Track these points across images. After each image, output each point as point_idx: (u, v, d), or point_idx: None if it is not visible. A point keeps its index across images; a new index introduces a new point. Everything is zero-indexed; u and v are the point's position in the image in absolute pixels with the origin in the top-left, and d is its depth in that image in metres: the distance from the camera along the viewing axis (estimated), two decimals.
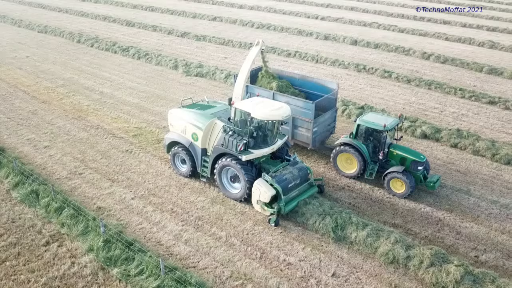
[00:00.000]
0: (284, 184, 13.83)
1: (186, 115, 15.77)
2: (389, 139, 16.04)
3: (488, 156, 18.64)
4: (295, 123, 17.31)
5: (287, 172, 14.33)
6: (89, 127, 21.15)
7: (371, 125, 15.57)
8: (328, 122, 18.10)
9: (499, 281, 11.18)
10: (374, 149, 16.07)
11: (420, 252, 12.16)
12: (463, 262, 11.85)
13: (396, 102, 24.79)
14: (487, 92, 26.27)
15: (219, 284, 11.31)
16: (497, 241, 13.59)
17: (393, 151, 15.91)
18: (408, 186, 15.06)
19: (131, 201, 15.01)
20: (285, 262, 12.28)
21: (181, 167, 16.53)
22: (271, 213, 13.65)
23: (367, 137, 16.09)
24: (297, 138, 17.68)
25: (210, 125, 15.09)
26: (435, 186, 15.42)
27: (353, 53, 34.45)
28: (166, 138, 16.72)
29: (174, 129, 16.32)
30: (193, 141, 15.50)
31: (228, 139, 14.27)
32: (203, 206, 14.82)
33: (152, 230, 13.44)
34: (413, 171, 15.44)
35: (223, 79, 27.71)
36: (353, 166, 16.44)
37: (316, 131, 17.20)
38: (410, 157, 15.49)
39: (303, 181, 14.67)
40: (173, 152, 16.35)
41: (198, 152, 15.52)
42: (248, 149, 14.13)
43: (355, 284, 11.60)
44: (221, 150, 14.64)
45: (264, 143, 14.65)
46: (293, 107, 16.70)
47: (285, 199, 13.69)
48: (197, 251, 12.53)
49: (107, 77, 28.78)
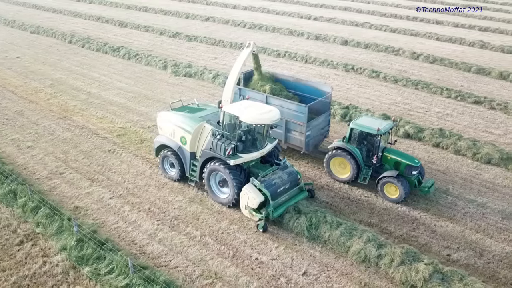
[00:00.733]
0: (273, 189, 13.61)
1: (175, 118, 15.58)
2: (383, 143, 15.87)
3: (469, 155, 18.71)
4: (288, 126, 17.11)
5: (276, 176, 14.11)
6: (74, 127, 21.22)
7: (365, 128, 15.34)
8: (322, 126, 17.85)
9: (467, 279, 11.24)
10: (367, 153, 15.82)
11: (391, 251, 12.22)
12: (433, 260, 11.91)
13: (382, 102, 24.87)
14: (474, 92, 26.35)
15: (188, 282, 11.39)
16: (471, 240, 13.66)
17: (387, 155, 15.69)
18: (402, 191, 14.81)
19: (109, 201, 15.08)
20: (257, 261, 12.35)
21: (170, 171, 16.32)
22: (259, 218, 13.46)
23: (361, 141, 15.83)
24: (290, 142, 17.48)
25: (198, 129, 14.88)
26: (429, 191, 15.19)
27: (343, 53, 34.53)
28: (155, 142, 16.52)
29: (163, 132, 16.10)
30: (182, 144, 15.29)
31: (216, 143, 14.07)
32: (181, 206, 14.90)
33: (127, 230, 13.52)
34: (407, 176, 15.20)
35: (211, 79, 27.78)
36: (346, 170, 16.18)
37: (309, 135, 16.97)
38: (405, 162, 15.26)
39: (292, 186, 14.42)
40: (162, 155, 16.13)
41: (186, 156, 15.30)
42: (236, 153, 13.91)
43: (325, 282, 11.67)
44: (209, 154, 14.44)
45: (254, 147, 14.42)
46: (286, 111, 16.72)
47: (274, 204, 13.47)
48: (170, 250, 12.61)
49: (96, 77, 28.85)
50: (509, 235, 13.92)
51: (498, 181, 17.11)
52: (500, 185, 16.82)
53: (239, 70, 16.30)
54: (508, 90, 27.18)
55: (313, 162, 18.00)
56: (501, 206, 15.43)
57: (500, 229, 14.22)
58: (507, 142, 20.35)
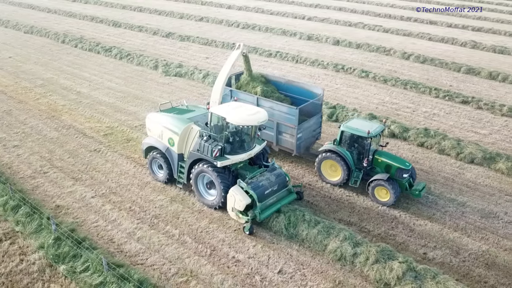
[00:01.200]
0: (260, 191, 13.49)
1: (163, 119, 15.46)
2: (374, 145, 15.74)
3: (453, 155, 18.81)
4: (279, 129, 16.97)
5: (264, 178, 13.98)
6: (61, 126, 21.31)
7: (355, 131, 15.20)
8: (314, 128, 17.70)
9: (440, 277, 11.33)
10: (358, 156, 15.67)
11: (366, 250, 12.32)
12: (408, 259, 12.00)
13: (370, 101, 24.96)
14: (462, 92, 26.46)
15: (163, 280, 11.48)
16: (448, 239, 13.76)
17: (378, 158, 15.55)
18: (392, 194, 14.70)
19: (91, 200, 15.18)
20: (234, 259, 12.45)
21: (158, 173, 16.22)
22: (245, 221, 13.37)
23: (352, 143, 15.70)
24: (282, 144, 17.34)
25: (186, 130, 14.78)
26: (420, 194, 15.01)
27: (334, 53, 34.63)
28: (143, 143, 16.43)
29: (151, 133, 16.00)
30: (170, 146, 15.18)
31: (203, 144, 13.94)
32: (162, 205, 14.99)
33: (106, 228, 13.61)
34: (398, 179, 15.08)
35: (201, 79, 27.89)
36: (337, 173, 16.02)
37: (301, 137, 16.82)
38: (395, 165, 15.12)
39: (280, 188, 14.30)
40: (150, 157, 16.05)
41: (174, 157, 15.18)
42: (224, 155, 13.80)
43: (300, 280, 11.76)
44: (196, 156, 14.33)
45: (241, 149, 14.30)
46: (277, 113, 16.67)
47: (261, 206, 13.37)
48: (147, 249, 12.70)
49: (87, 77, 28.94)
50: (487, 234, 14.01)
51: (479, 180, 17.21)
52: (481, 185, 16.91)
53: (228, 71, 16.23)
54: (497, 90, 27.29)
55: (299, 162, 18.02)
56: (481, 205, 15.52)
57: (478, 228, 14.31)
58: (491, 141, 20.45)
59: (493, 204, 15.64)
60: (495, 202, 15.77)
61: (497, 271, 12.45)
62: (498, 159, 18.14)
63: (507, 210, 15.33)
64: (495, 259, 12.89)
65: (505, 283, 12.01)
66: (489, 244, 13.58)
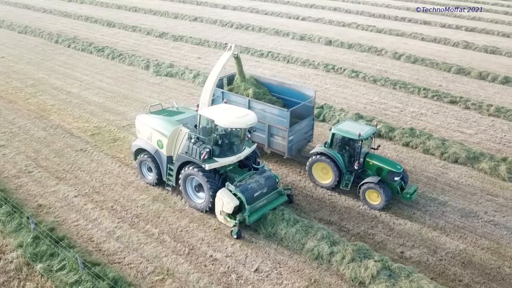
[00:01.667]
0: (248, 193, 13.31)
1: (152, 121, 15.34)
2: (366, 148, 15.67)
3: (437, 154, 18.90)
4: (271, 131, 16.88)
5: (253, 181, 13.80)
6: (49, 126, 21.39)
7: (346, 134, 15.08)
8: (305, 130, 17.59)
9: (414, 276, 11.42)
10: (349, 158, 15.55)
11: (343, 248, 12.41)
12: (383, 257, 12.09)
13: (358, 101, 25.05)
14: (451, 92, 26.55)
15: (139, 279, 11.57)
16: (427, 238, 13.85)
17: (369, 161, 15.47)
18: (383, 198, 14.61)
19: (73, 199, 15.27)
20: (211, 258, 12.54)
21: (147, 175, 16.10)
22: (233, 224, 13.23)
23: (343, 146, 15.56)
24: (273, 146, 17.25)
25: (175, 132, 14.64)
26: (411, 197, 14.93)
27: (326, 53, 34.72)
28: (133, 145, 16.34)
29: (140, 135, 15.93)
30: (159, 148, 15.06)
31: (192, 147, 13.81)
32: (144, 204, 15.08)
33: (87, 227, 13.70)
34: (389, 182, 15.01)
35: (191, 79, 27.99)
36: (328, 176, 15.90)
37: (292, 140, 16.73)
38: (387, 168, 15.05)
39: (270, 190, 14.12)
40: (140, 159, 15.96)
41: (163, 160, 15.04)
42: (212, 158, 13.66)
43: (275, 279, 11.85)
44: (185, 158, 14.19)
45: (230, 151, 14.15)
46: (268, 115, 16.60)
47: (250, 209, 13.16)
48: (126, 247, 12.79)
49: (78, 77, 29.02)
50: (465, 233, 14.10)
51: (462, 180, 17.30)
52: (464, 184, 17.00)
53: (218, 73, 16.12)
54: (486, 90, 27.38)
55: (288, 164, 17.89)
56: (462, 204, 15.61)
57: (458, 227, 14.40)
58: (477, 141, 20.54)
59: (474, 204, 15.73)
60: (476, 202, 15.86)
61: (473, 270, 12.54)
62: (482, 158, 18.23)
63: (487, 209, 15.41)
64: (471, 258, 12.98)
65: (480, 281, 12.10)
66: (467, 243, 13.66)
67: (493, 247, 13.51)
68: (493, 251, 13.31)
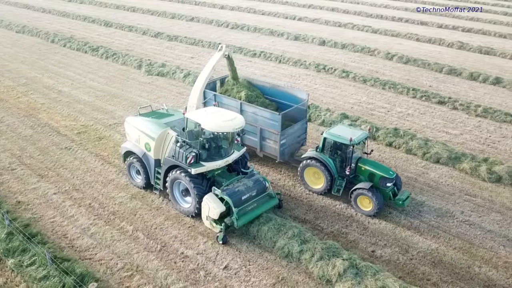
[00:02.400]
0: (236, 197, 13.02)
1: (140, 124, 15.17)
2: (358, 153, 15.45)
3: (419, 154, 18.93)
4: (263, 134, 16.65)
5: (241, 184, 13.56)
6: (37, 124, 21.61)
7: (337, 138, 14.82)
8: (298, 134, 17.28)
9: (380, 274, 11.49)
10: (341, 163, 15.27)
11: (313, 247, 12.49)
12: (352, 256, 12.17)
13: (346, 101, 25.10)
14: (441, 92, 26.54)
15: (108, 275, 11.72)
16: (400, 237, 13.90)
17: (361, 166, 15.18)
18: (375, 204, 14.33)
19: (52, 196, 15.45)
20: (182, 255, 12.67)
21: (136, 178, 15.94)
22: (219, 230, 13.03)
23: (334, 151, 15.30)
24: (265, 150, 17.00)
25: (162, 135, 14.41)
26: (404, 204, 14.59)
27: (319, 54, 34.77)
28: (122, 147, 16.19)
29: (129, 138, 15.77)
30: (146, 151, 14.87)
31: (178, 150, 13.57)
32: (122, 202, 15.24)
33: (62, 224, 13.88)
34: (381, 188, 14.74)
35: (182, 78, 28.16)
36: (320, 181, 15.63)
37: (284, 143, 16.48)
38: (379, 173, 14.76)
39: (259, 193, 13.77)
40: (128, 162, 15.78)
41: (151, 163, 14.82)
42: (199, 162, 13.42)
43: (243, 276, 11.96)
44: (172, 162, 13.96)
45: (218, 155, 13.92)
46: (260, 118, 16.38)
47: (238, 212, 12.87)
48: (98, 244, 12.95)
49: (71, 76, 29.27)
50: (439, 233, 14.14)
51: (442, 180, 17.32)
52: (443, 184, 17.03)
53: (207, 75, 15.99)
54: (475, 91, 27.34)
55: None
56: (439, 204, 15.64)
57: (432, 227, 14.44)
58: (461, 142, 20.54)
59: (451, 204, 15.76)
60: (454, 202, 15.89)
61: (442, 269, 12.58)
62: (463, 159, 18.24)
63: (464, 209, 15.45)
64: (442, 257, 13.02)
65: (448, 280, 12.15)
66: (440, 242, 13.71)
67: (465, 247, 13.54)
68: (465, 251, 13.34)
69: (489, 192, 16.56)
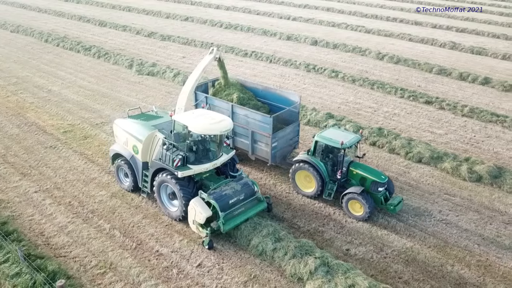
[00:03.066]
0: (222, 200, 12.85)
1: (128, 126, 15.02)
2: (350, 156, 15.30)
3: (402, 154, 19.00)
4: (254, 137, 16.47)
5: (228, 188, 13.36)
6: (24, 123, 21.75)
7: (329, 141, 14.62)
8: (290, 137, 17.08)
9: (351, 273, 11.55)
10: (332, 167, 15.09)
11: (286, 245, 12.57)
12: (324, 254, 12.24)
13: (333, 101, 25.18)
14: (429, 92, 26.59)
15: (81, 272, 11.83)
16: (376, 236, 13.98)
17: (353, 170, 14.93)
18: (366, 209, 14.12)
19: (33, 194, 15.57)
20: (157, 253, 12.76)
21: (124, 181, 15.82)
22: (205, 234, 12.86)
23: (326, 154, 15.13)
24: (257, 153, 16.80)
25: (150, 137, 14.23)
26: (395, 210, 14.35)
27: (310, 53, 34.85)
28: (110, 150, 16.04)
29: (118, 140, 15.66)
30: (134, 153, 14.72)
31: (165, 153, 13.39)
32: (101, 200, 15.35)
33: (40, 222, 14.00)
34: (373, 192, 14.55)
35: (172, 77, 28.26)
36: (312, 184, 15.44)
37: (276, 146, 16.26)
38: (370, 177, 14.52)
39: (248, 197, 13.61)
40: (116, 165, 15.69)
41: (139, 165, 14.70)
42: (186, 165, 13.26)
43: (216, 274, 12.06)
44: (158, 165, 13.82)
45: (206, 158, 13.77)
46: (251, 121, 16.21)
47: (225, 216, 12.70)
48: (74, 242, 13.06)
49: (62, 75, 29.42)
50: (415, 231, 14.21)
51: (423, 179, 17.40)
52: (423, 183, 17.10)
53: (196, 77, 15.93)
54: (464, 91, 27.39)
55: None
56: (417, 203, 15.71)
57: (409, 226, 14.51)
58: (445, 141, 20.60)
59: (430, 203, 15.83)
60: (433, 201, 15.96)
61: (415, 267, 12.66)
62: (445, 158, 18.31)
63: (442, 208, 15.52)
64: (416, 256, 13.10)
65: (419, 278, 12.22)
66: (415, 241, 13.78)
67: (440, 245, 13.61)
68: (439, 250, 13.41)
69: (469, 192, 16.62)
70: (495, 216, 15.18)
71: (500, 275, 12.47)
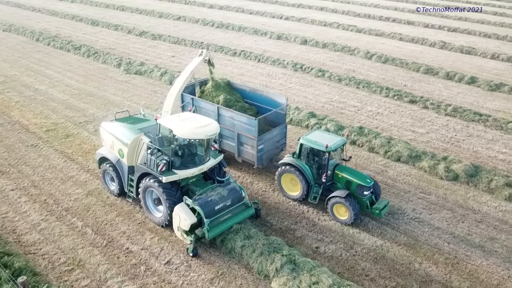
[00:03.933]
0: (208, 207, 12.61)
1: (114, 129, 14.76)
2: (337, 159, 15.20)
3: (381, 153, 19.07)
4: (240, 140, 16.32)
5: (215, 193, 13.08)
6: (7, 122, 21.84)
7: (314, 144, 14.49)
8: (277, 139, 16.94)
9: (316, 270, 11.63)
10: (318, 170, 14.90)
11: (255, 242, 12.66)
12: (291, 252, 12.32)
13: (318, 100, 25.25)
14: (415, 92, 26.65)
15: (49, 269, 11.92)
16: (347, 234, 14.05)
17: (338, 174, 14.79)
18: (351, 213, 13.94)
19: (9, 192, 15.66)
20: (127, 250, 12.85)
21: (110, 185, 15.51)
22: (190, 241, 12.62)
23: (311, 157, 14.99)
24: (243, 155, 16.67)
25: (135, 141, 13.95)
26: (381, 214, 14.21)
27: (299, 53, 34.91)
28: (97, 153, 15.75)
29: (104, 143, 15.44)
30: (120, 157, 14.46)
31: (150, 157, 13.10)
32: (77, 198, 15.44)
33: (14, 219, 14.09)
34: (358, 196, 14.38)
35: (159, 77, 28.32)
36: (297, 188, 15.28)
37: (262, 149, 16.08)
38: (356, 181, 14.37)
39: (235, 203, 13.37)
40: (103, 168, 15.41)
41: (125, 170, 14.39)
42: (172, 169, 13.00)
43: (183, 271, 12.15)
44: (143, 170, 13.50)
45: (192, 163, 13.50)
46: (237, 123, 16.10)
47: (210, 223, 12.48)
48: (45, 239, 13.15)
49: (50, 74, 29.50)
50: (386, 229, 14.29)
51: (400, 178, 17.47)
52: (400, 182, 17.17)
53: (185, 80, 15.74)
54: (450, 90, 27.45)
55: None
56: (392, 202, 15.78)
57: (381, 224, 14.58)
58: (425, 140, 20.67)
59: (404, 201, 15.90)
60: (408, 199, 16.04)
61: (383, 265, 12.74)
62: (423, 157, 18.38)
63: (416, 207, 15.59)
64: (385, 254, 13.18)
65: (386, 276, 12.30)
66: (386, 239, 13.85)
67: (410, 243, 13.69)
68: (409, 247, 13.49)
69: (445, 190, 16.69)
70: (468, 215, 15.25)
71: (466, 273, 12.55)
